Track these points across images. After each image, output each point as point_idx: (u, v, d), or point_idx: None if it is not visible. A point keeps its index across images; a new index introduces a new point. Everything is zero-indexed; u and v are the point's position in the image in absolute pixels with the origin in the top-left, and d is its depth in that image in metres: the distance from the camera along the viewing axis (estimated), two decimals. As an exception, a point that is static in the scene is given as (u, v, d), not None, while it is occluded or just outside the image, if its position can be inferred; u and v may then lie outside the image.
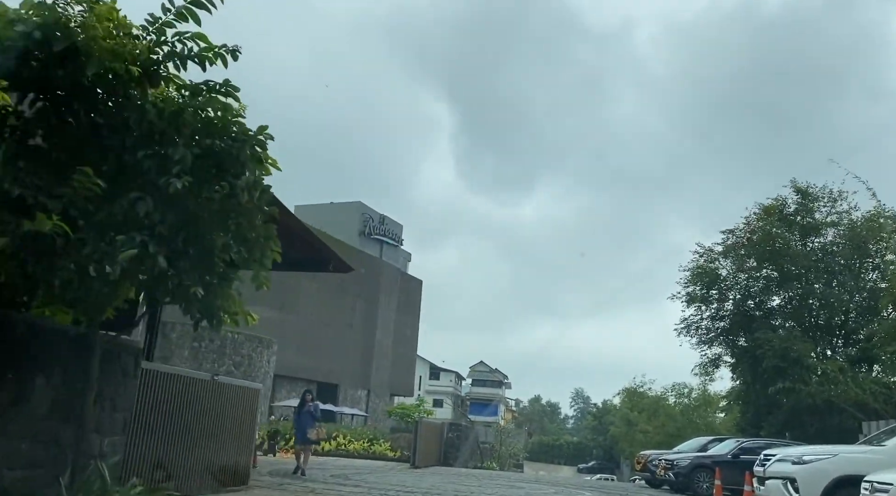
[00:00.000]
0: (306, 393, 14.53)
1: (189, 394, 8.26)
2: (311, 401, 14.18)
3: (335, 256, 17.58)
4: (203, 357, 31.53)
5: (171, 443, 8.04)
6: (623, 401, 60.88)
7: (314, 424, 14.23)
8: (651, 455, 20.09)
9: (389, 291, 62.84)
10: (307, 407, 13.99)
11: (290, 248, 17.42)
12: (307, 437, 13.84)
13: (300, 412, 14.20)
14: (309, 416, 14.11)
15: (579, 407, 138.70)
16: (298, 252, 17.47)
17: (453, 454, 22.64)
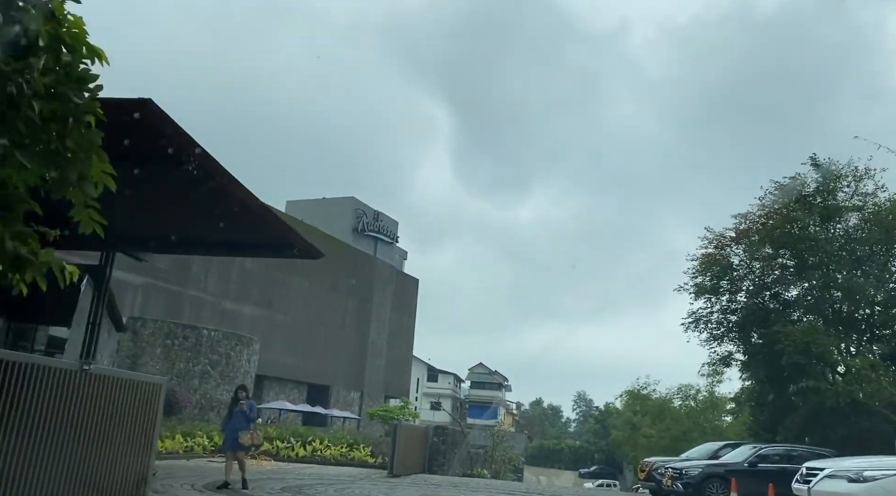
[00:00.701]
0: (239, 389, 12.21)
1: (50, 388, 6.15)
2: (245, 399, 11.88)
3: (300, 239, 15.52)
4: (176, 355, 29.50)
5: (21, 450, 5.90)
6: (626, 404, 58.74)
7: (249, 427, 11.65)
8: (656, 462, 17.97)
9: (384, 290, 60.83)
10: (240, 406, 11.70)
11: (248, 229, 15.40)
12: (238, 443, 11.61)
13: (231, 412, 11.93)
14: (242, 418, 11.61)
15: (582, 410, 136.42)
16: (258, 234, 15.46)
17: (439, 460, 20.53)
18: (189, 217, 14.58)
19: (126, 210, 14.68)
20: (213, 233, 15.14)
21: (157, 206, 14.05)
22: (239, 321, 43.92)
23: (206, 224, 14.96)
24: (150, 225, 15.44)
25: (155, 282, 38.88)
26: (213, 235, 15.31)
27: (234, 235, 15.14)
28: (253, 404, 11.64)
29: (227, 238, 15.39)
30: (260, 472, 15.43)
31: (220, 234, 15.12)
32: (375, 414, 30.74)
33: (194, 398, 28.98)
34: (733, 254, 23.33)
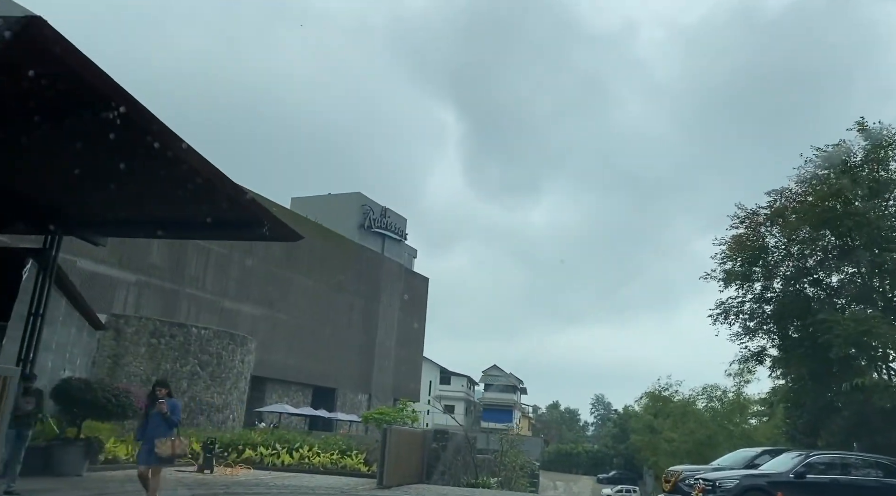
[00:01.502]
0: (157, 386, 9.51)
1: None
2: (165, 397, 9.26)
3: (269, 216, 13.45)
4: (162, 355, 27.60)
5: None
6: (645, 407, 56.18)
7: (169, 433, 8.94)
8: (684, 472, 15.68)
9: (392, 289, 58.83)
10: (158, 406, 9.04)
11: (208, 204, 13.35)
12: (154, 454, 8.79)
13: (147, 415, 9.27)
14: (160, 422, 8.94)
15: (600, 413, 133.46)
16: (220, 210, 13.43)
17: (439, 469, 18.37)
18: (140, 192, 12.63)
19: (70, 186, 12.80)
20: (167, 210, 13.18)
21: (104, 179, 12.06)
22: (239, 321, 42.11)
23: (160, 200, 13.01)
24: (99, 203, 13.53)
25: (148, 280, 37.17)
26: (169, 213, 13.32)
27: (193, 213, 13.16)
28: (176, 404, 9.38)
29: (185, 216, 13.39)
30: (224, 485, 13.39)
31: (177, 211, 13.18)
32: (371, 417, 28.63)
33: (181, 400, 27.14)
34: (768, 234, 20.78)
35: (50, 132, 9.83)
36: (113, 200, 13.19)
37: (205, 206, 12.85)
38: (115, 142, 9.71)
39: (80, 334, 22.03)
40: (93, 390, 12.85)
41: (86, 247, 33.25)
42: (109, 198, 13.13)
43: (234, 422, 29.69)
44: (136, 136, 9.44)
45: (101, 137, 9.79)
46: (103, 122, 8.79)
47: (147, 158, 10.34)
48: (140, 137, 9.48)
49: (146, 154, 9.93)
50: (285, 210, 50.08)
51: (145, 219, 13.66)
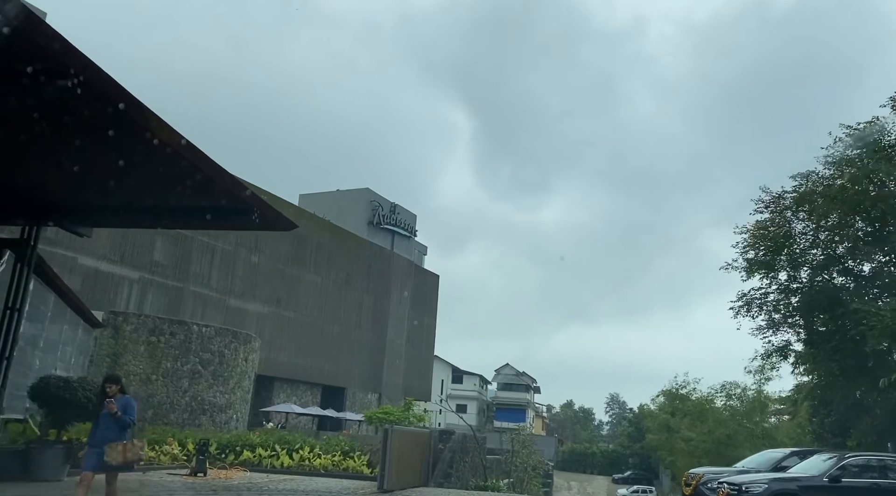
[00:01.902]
0: (107, 382, 8.14)
1: None
2: (115, 394, 7.92)
3: (259, 202, 12.52)
4: (163, 353, 26.86)
5: None
6: (661, 406, 55.00)
7: (121, 436, 7.70)
8: (706, 474, 14.62)
9: (402, 286, 57.94)
10: (107, 405, 7.72)
11: (187, 187, 12.47)
12: (103, 460, 7.54)
13: (98, 415, 7.98)
14: (110, 423, 7.71)
15: (615, 412, 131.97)
16: (204, 195, 12.54)
17: (445, 471, 17.43)
18: (117, 176, 11.77)
19: (47, 173, 11.98)
20: (147, 196, 12.29)
21: (78, 164, 11.20)
22: (245, 319, 41.40)
23: (139, 185, 12.14)
24: (75, 190, 12.70)
25: (152, 277, 36.53)
26: (149, 200, 12.42)
27: (175, 198, 12.26)
28: (129, 402, 8.00)
29: (167, 203, 12.49)
30: (212, 489, 12.52)
31: (157, 197, 12.29)
32: (374, 416, 27.69)
33: (182, 399, 26.35)
34: (794, 220, 19.50)
35: (18, 114, 8.98)
36: (89, 187, 12.35)
37: (187, 191, 11.97)
38: (83, 119, 8.84)
39: (74, 332, 21.30)
40: (72, 389, 12.02)
41: (86, 243, 32.70)
42: (84, 184, 12.28)
43: (237, 423, 28.93)
44: (105, 110, 8.57)
45: (64, 113, 8.91)
46: (65, 92, 7.90)
47: (122, 139, 9.49)
48: (110, 113, 8.61)
49: (120, 133, 9.07)
50: (293, 206, 49.39)
51: (124, 206, 12.78)
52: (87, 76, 7.90)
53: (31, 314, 15.72)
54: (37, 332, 16.32)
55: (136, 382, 25.69)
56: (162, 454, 17.58)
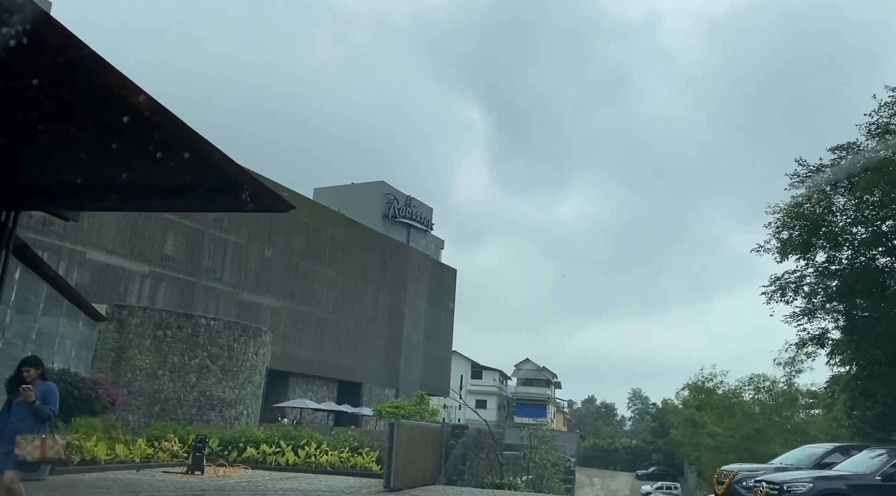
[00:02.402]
0: (22, 367, 6.82)
1: None
2: (34, 379, 6.70)
3: (248, 178, 11.55)
4: (169, 347, 26.13)
5: None
6: (685, 400, 53.46)
7: (38, 428, 6.53)
8: (740, 472, 13.40)
9: (418, 280, 57.01)
10: (22, 392, 6.49)
11: (170, 161, 11.54)
12: (18, 457, 6.30)
13: (10, 403, 6.66)
14: (26, 413, 6.53)
15: (637, 408, 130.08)
16: (187, 171, 11.57)
17: (457, 467, 16.40)
18: (95, 152, 10.86)
19: (22, 152, 11.13)
20: (130, 173, 11.39)
21: (56, 141, 10.29)
22: (259, 313, 40.73)
23: (123, 163, 11.24)
24: (55, 169, 11.83)
25: (163, 272, 35.96)
26: (131, 178, 11.49)
27: (160, 177, 11.34)
28: (50, 389, 6.71)
29: (150, 180, 11.55)
30: (202, 489, 11.60)
31: (141, 174, 11.39)
32: (384, 411, 26.71)
33: (190, 395, 25.62)
34: (835, 193, 17.98)
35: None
36: (67, 165, 11.46)
37: (172, 168, 11.03)
38: (59, 92, 7.90)
39: (74, 325, 20.58)
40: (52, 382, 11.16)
41: (95, 237, 32.15)
42: (62, 162, 11.39)
43: (248, 418, 28.18)
44: (82, 82, 7.64)
45: (39, 86, 7.96)
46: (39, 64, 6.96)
47: (101, 113, 8.56)
48: (87, 85, 7.67)
49: (99, 106, 8.14)
50: (307, 200, 48.66)
51: (106, 185, 11.85)
52: (64, 47, 7.01)
53: (19, 305, 14.96)
54: (27, 324, 15.55)
55: (143, 377, 25.02)
56: (161, 451, 16.77)
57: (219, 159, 11.01)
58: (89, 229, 31.64)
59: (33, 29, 6.70)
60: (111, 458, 14.90)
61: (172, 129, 9.53)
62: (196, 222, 37.90)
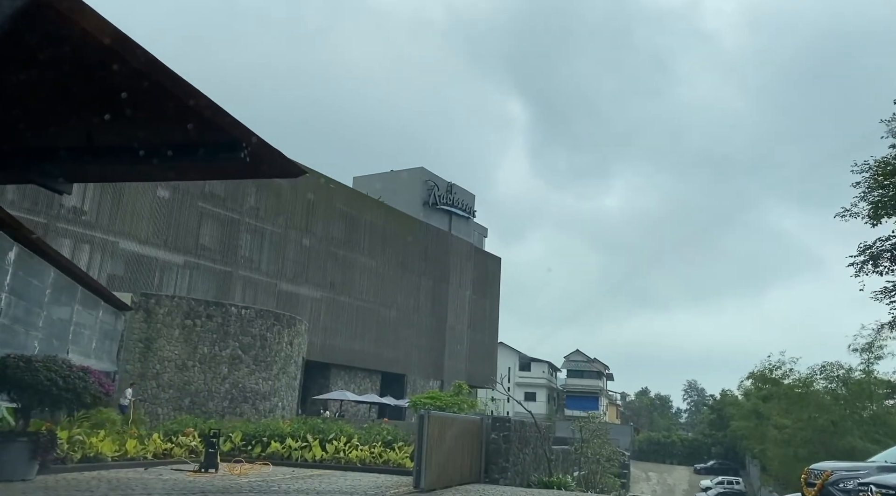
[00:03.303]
0: None
1: None
2: None
3: (247, 134, 9.97)
4: (199, 337, 25.08)
5: None
6: (747, 391, 50.40)
7: None
8: (838, 472, 11.24)
9: (461, 269, 55.29)
10: None
11: (162, 119, 10.12)
12: None
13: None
14: None
15: (693, 400, 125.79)
16: (175, 128, 10.06)
17: (499, 465, 14.64)
18: (74, 111, 9.46)
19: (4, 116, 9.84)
20: (113, 134, 9.95)
21: (34, 101, 8.94)
22: (298, 304, 39.73)
23: (107, 123, 9.82)
24: (35, 134, 10.54)
25: (198, 262, 35.18)
26: (113, 139, 10.04)
27: (146, 135, 9.86)
28: None
29: (136, 141, 10.08)
30: (203, 491, 10.13)
31: (126, 134, 9.94)
32: (419, 402, 25.10)
33: (221, 387, 24.53)
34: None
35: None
36: (46, 129, 10.09)
37: (158, 124, 9.52)
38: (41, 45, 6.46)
39: (92, 314, 19.55)
40: (33, 369, 9.89)
41: (127, 227, 31.43)
42: (41, 126, 10.03)
43: (283, 411, 27.02)
44: (59, 34, 6.18)
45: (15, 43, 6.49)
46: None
47: (79, 67, 7.12)
48: (63, 36, 6.21)
49: (76, 58, 6.70)
50: (346, 188, 47.45)
51: (91, 150, 10.44)
52: None
53: (18, 289, 13.82)
54: (31, 310, 14.44)
55: (172, 369, 24.05)
56: (177, 446, 15.51)
57: (214, 112, 9.27)
58: (121, 219, 30.99)
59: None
60: (120, 455, 13.69)
61: (161, 80, 7.88)
62: (231, 211, 37.05)
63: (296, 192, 41.07)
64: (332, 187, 44.31)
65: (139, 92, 8.02)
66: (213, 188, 36.38)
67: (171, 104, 8.60)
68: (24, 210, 27.13)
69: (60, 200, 28.48)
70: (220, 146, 10.22)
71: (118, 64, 6.98)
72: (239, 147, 10.13)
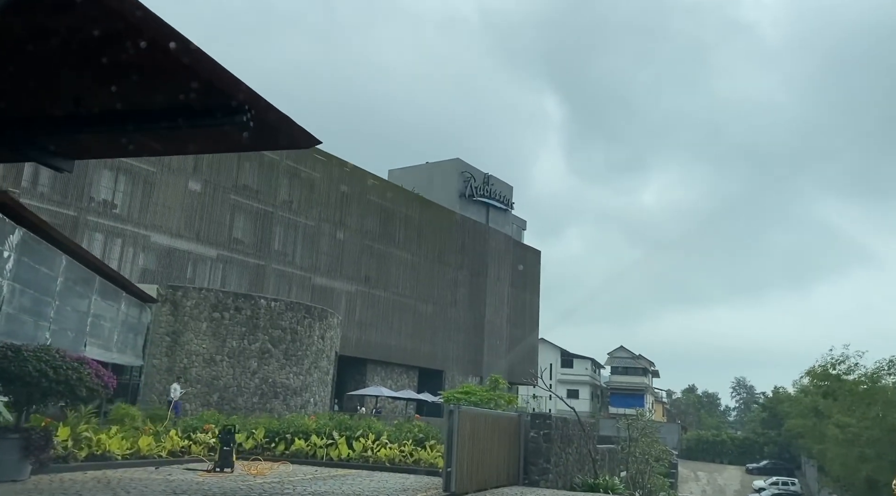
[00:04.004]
0: None
1: None
2: None
3: (253, 98, 8.91)
4: (227, 331, 24.33)
5: None
6: (802, 388, 47.80)
7: None
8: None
9: (500, 262, 53.88)
10: None
11: (141, 77, 9.29)
12: None
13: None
14: None
15: (742, 397, 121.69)
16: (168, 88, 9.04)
17: (539, 465, 13.33)
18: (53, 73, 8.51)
19: None
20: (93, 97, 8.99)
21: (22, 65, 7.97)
22: (332, 298, 38.97)
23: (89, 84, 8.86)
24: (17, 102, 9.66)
25: (231, 255, 34.66)
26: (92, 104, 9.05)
27: (134, 97, 8.87)
28: None
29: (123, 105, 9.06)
30: (209, 492, 9.08)
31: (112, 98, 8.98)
32: (451, 397, 23.86)
33: (251, 382, 23.75)
34: None
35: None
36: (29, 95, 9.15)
37: (149, 83, 8.48)
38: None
39: (112, 305, 18.86)
40: (22, 360, 8.98)
41: (158, 220, 30.96)
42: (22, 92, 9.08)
43: (315, 406, 26.14)
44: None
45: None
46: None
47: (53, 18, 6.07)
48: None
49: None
50: (380, 179, 46.49)
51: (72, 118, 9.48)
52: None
53: (23, 276, 13.05)
54: (40, 299, 13.68)
55: (199, 363, 23.36)
56: (195, 444, 14.62)
57: (211, 69, 8.10)
58: (152, 212, 30.58)
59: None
60: (133, 453, 12.82)
61: (151, 32, 6.77)
62: (264, 204, 36.45)
63: (329, 185, 40.32)
64: (372, 183, 43.44)
65: (130, 50, 6.94)
66: (246, 180, 35.83)
67: (166, 62, 7.52)
68: (54, 203, 26.87)
69: (90, 193, 28.19)
70: (221, 110, 9.11)
71: (103, 16, 5.92)
72: (241, 110, 8.97)
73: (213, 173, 33.32)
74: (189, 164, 32.25)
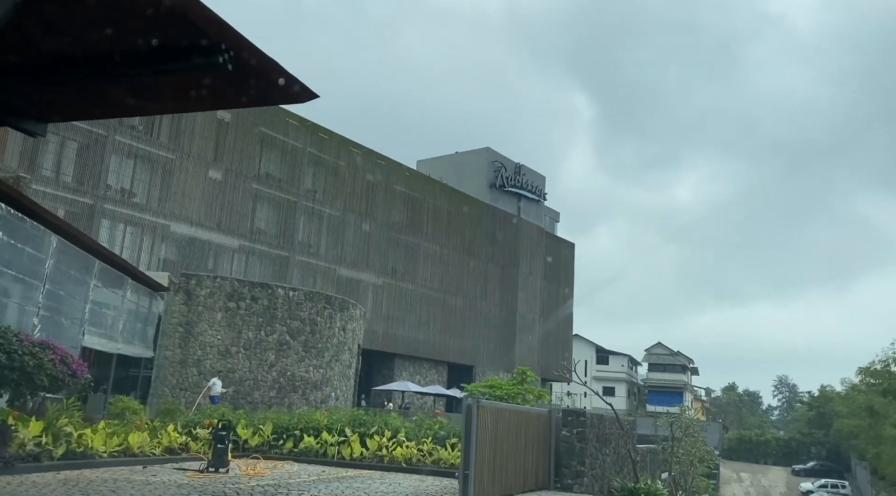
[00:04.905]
0: None
1: None
2: None
3: (234, 37, 7.61)
4: (243, 321, 23.20)
5: None
6: (853, 387, 45.10)
7: None
8: None
9: (532, 255, 52.11)
10: None
11: (107, 18, 8.04)
12: None
13: None
14: None
15: (784, 396, 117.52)
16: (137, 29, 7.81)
17: (573, 468, 11.77)
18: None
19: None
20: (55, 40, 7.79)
21: None
22: (358, 290, 37.78)
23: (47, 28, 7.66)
24: None
25: (253, 246, 33.69)
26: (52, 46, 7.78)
27: (101, 40, 7.66)
28: None
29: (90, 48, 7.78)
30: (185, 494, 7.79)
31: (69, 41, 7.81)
32: (475, 391, 22.27)
33: (268, 375, 22.61)
34: None
35: None
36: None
37: (114, 26, 7.21)
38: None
39: (116, 293, 17.82)
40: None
41: (178, 210, 30.05)
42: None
43: (337, 401, 24.90)
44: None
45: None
46: None
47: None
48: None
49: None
50: (409, 169, 45.10)
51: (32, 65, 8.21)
52: None
53: (2, 256, 11.98)
54: (23, 282, 12.62)
55: (214, 355, 22.28)
56: (193, 440, 13.42)
57: (187, 7, 6.64)
58: (172, 201, 29.71)
59: None
60: (121, 450, 11.65)
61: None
62: (288, 193, 35.42)
63: (354, 174, 39.13)
64: (399, 173, 42.13)
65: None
66: (268, 169, 34.84)
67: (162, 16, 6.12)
68: (69, 190, 26.16)
69: (107, 181, 27.40)
70: (196, 51, 7.63)
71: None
72: (217, 49, 7.50)
73: (235, 161, 32.36)
74: (209, 151, 31.33)
